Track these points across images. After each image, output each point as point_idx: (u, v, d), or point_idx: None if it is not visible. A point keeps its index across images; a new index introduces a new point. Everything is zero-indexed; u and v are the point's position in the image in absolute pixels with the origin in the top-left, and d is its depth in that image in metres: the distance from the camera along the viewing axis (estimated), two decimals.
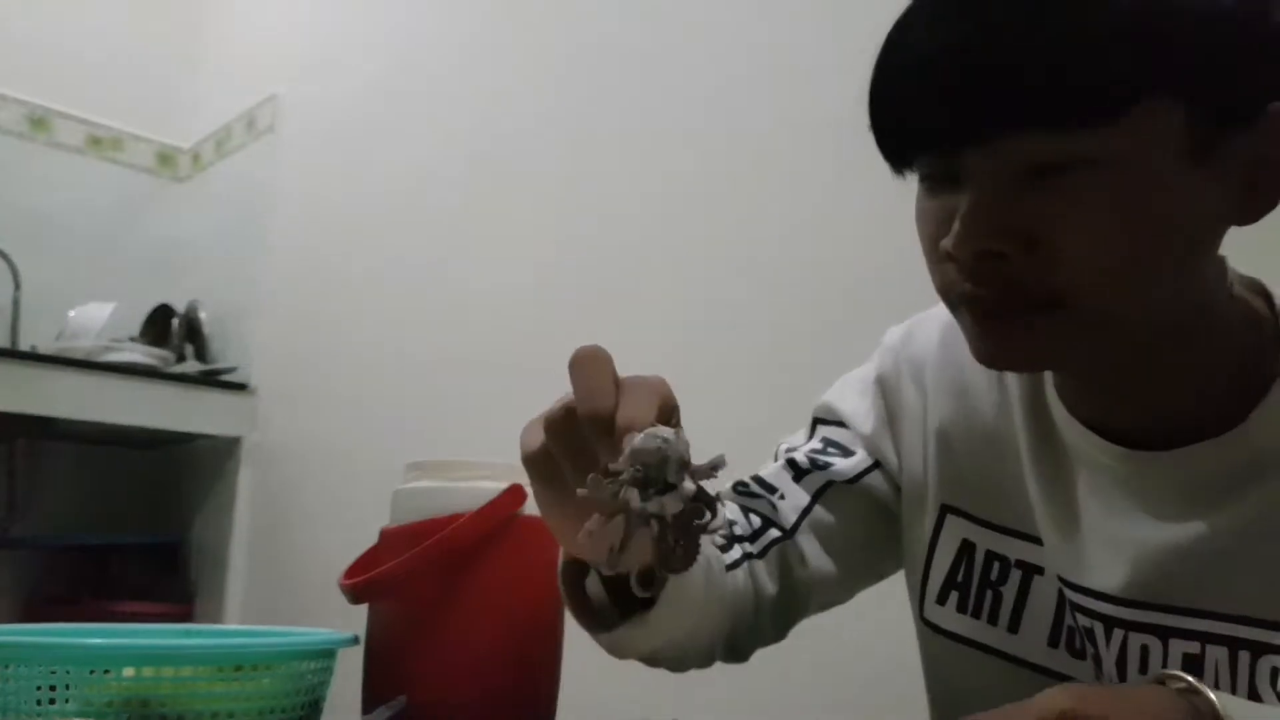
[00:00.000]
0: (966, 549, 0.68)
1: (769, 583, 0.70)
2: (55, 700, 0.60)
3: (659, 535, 0.41)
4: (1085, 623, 0.61)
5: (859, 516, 0.73)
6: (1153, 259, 0.50)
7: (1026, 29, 0.47)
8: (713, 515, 0.43)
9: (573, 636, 0.78)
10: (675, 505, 0.41)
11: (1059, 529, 0.62)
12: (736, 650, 0.73)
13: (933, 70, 0.50)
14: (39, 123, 2.80)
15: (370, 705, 0.72)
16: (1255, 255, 0.59)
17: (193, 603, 2.59)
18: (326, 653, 0.69)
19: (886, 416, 0.73)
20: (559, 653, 0.77)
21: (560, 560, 0.61)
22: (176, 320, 2.72)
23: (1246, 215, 0.52)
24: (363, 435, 2.18)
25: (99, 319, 2.56)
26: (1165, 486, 0.57)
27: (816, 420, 0.77)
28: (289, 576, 2.35)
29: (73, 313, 2.59)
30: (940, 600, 0.70)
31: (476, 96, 2.06)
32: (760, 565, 0.71)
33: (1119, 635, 0.59)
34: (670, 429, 0.43)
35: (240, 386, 2.56)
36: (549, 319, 1.77)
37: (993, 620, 0.66)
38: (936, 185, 0.54)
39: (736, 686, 1.39)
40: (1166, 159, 0.49)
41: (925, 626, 0.72)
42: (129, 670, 0.61)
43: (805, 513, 0.72)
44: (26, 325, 2.65)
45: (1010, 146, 0.49)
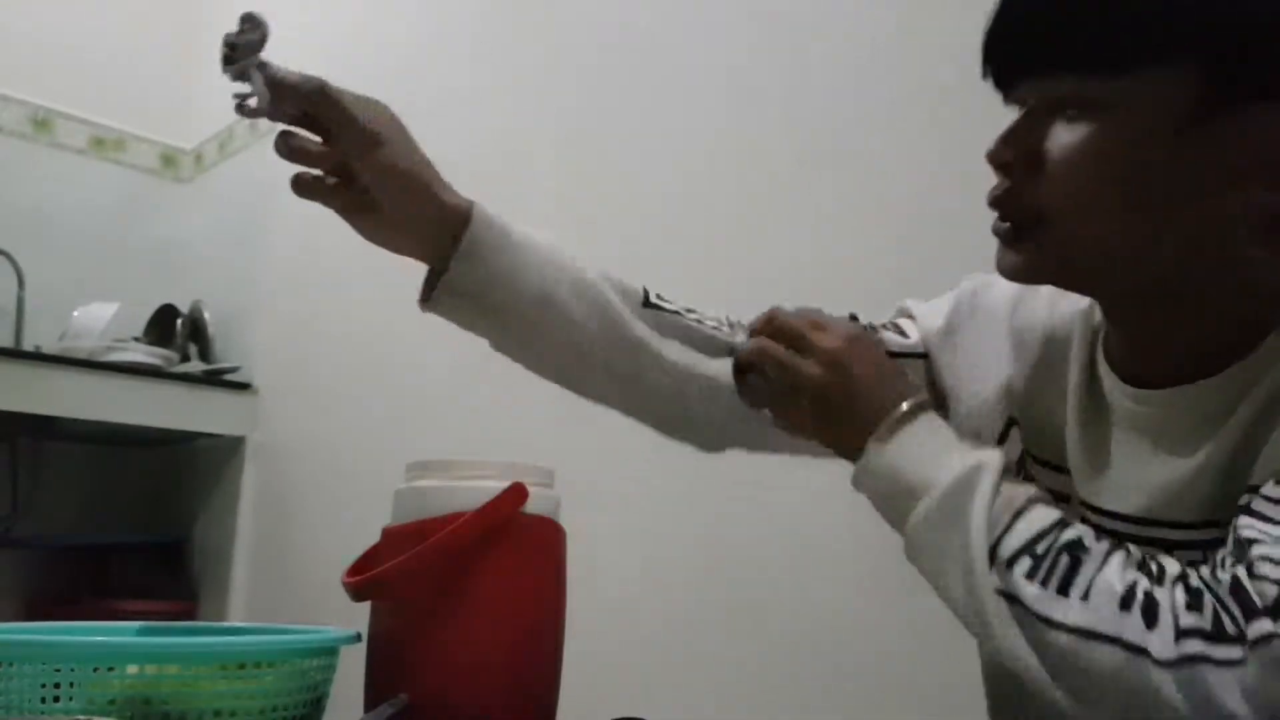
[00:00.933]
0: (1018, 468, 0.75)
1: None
2: (59, 698, 0.60)
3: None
4: None
5: None
6: (1132, 197, 0.58)
7: None
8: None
9: (573, 636, 0.78)
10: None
11: (1089, 464, 0.69)
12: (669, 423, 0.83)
13: (1002, 20, 0.62)
14: (42, 123, 2.81)
15: (372, 703, 0.72)
16: None
17: (196, 601, 2.59)
18: (329, 651, 0.70)
19: (951, 330, 0.79)
20: (559, 652, 0.77)
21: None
22: (181, 320, 2.72)
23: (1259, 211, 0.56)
24: (364, 435, 2.19)
25: (102, 319, 2.57)
26: (1175, 420, 0.63)
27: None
28: (291, 575, 2.35)
29: (76, 313, 2.59)
30: None
31: (478, 98, 2.06)
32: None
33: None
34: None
35: (243, 386, 2.56)
36: None
37: None
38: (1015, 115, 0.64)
39: (737, 686, 1.40)
40: (1168, 114, 0.56)
41: None
42: (132, 668, 0.62)
43: None
44: (30, 325, 2.65)
45: (1044, 83, 0.60)
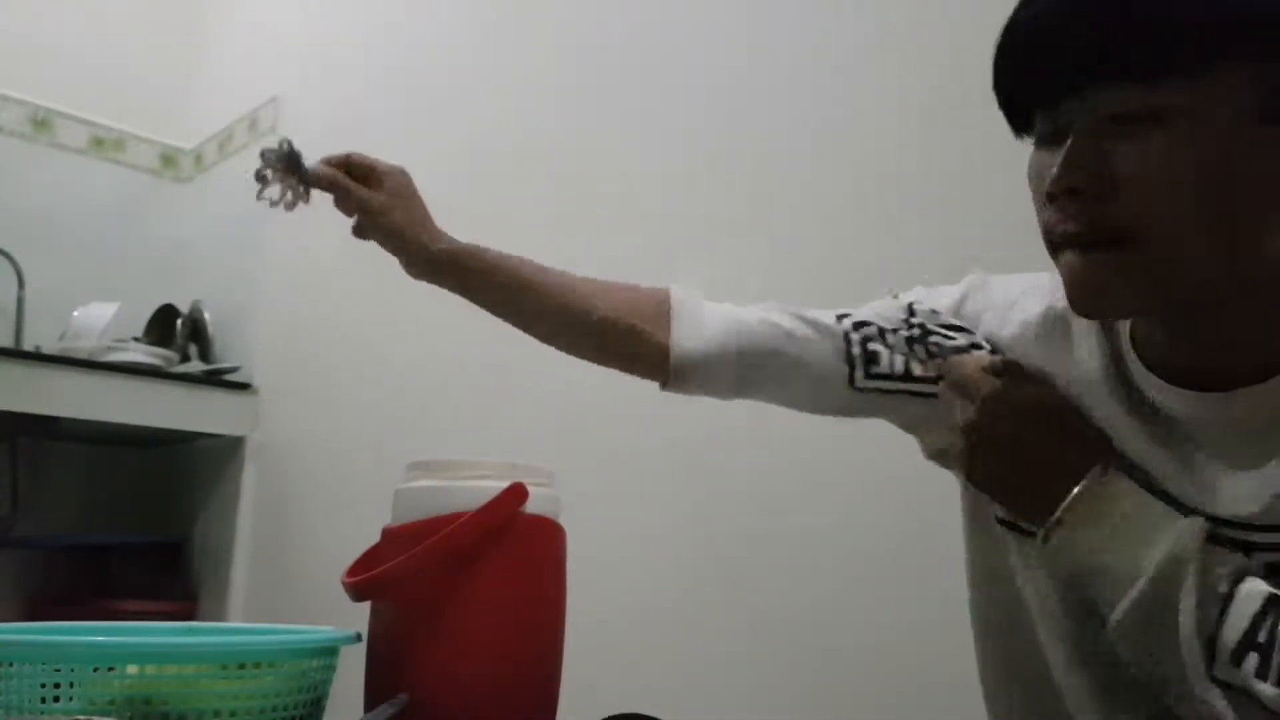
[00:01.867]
0: None
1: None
2: (59, 698, 0.60)
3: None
4: None
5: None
6: (1213, 205, 0.56)
7: None
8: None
9: (573, 636, 0.78)
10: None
11: (1166, 470, 0.65)
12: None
13: (1040, 35, 0.59)
14: (42, 124, 2.81)
15: (372, 703, 0.72)
16: None
17: (196, 601, 2.59)
18: (329, 651, 0.70)
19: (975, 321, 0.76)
20: (559, 651, 0.77)
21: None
22: (181, 320, 2.72)
23: None
24: (364, 435, 2.19)
25: (102, 319, 2.57)
26: (1261, 418, 0.60)
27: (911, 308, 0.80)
28: (292, 575, 2.35)
29: (76, 313, 2.59)
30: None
31: (477, 97, 2.06)
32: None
33: None
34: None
35: (243, 386, 2.56)
36: None
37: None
38: (1043, 143, 0.62)
39: (737, 685, 1.40)
40: (1236, 116, 0.55)
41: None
42: (132, 668, 0.61)
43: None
44: (30, 325, 2.65)
45: (1101, 97, 0.57)
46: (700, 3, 1.65)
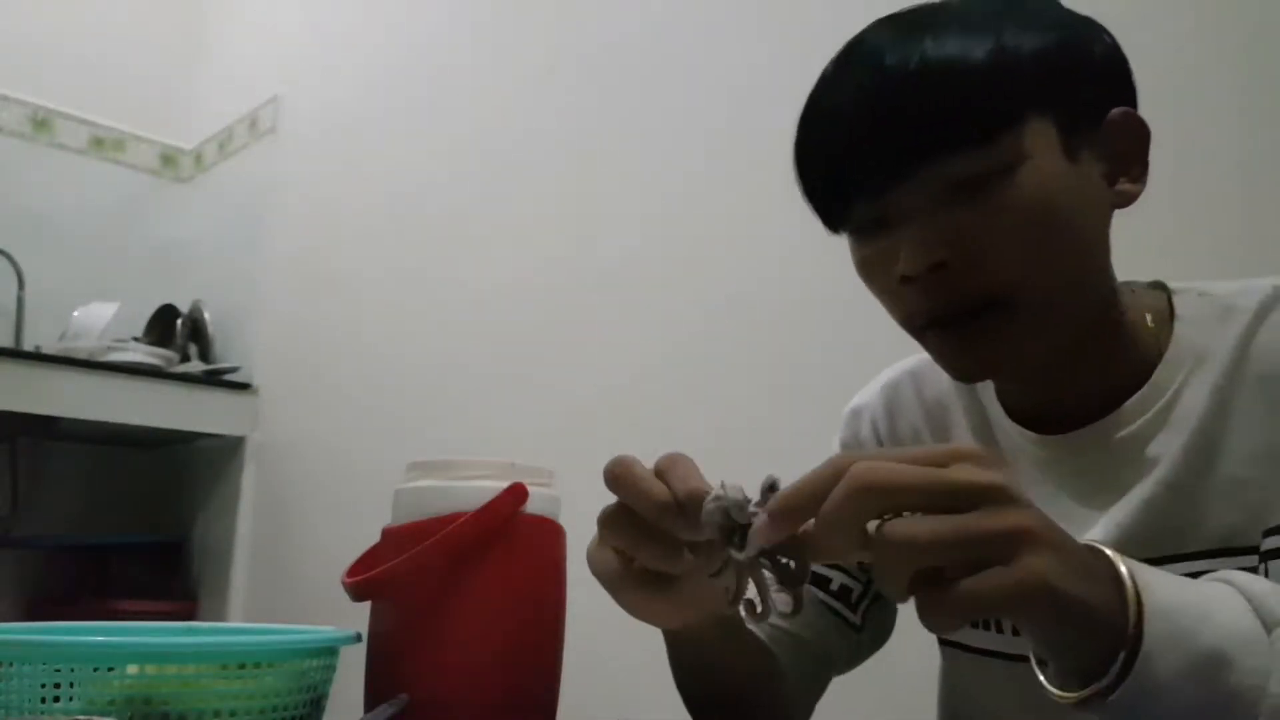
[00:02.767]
0: None
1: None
2: (59, 699, 0.60)
3: (772, 568, 0.45)
4: None
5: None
6: (1064, 244, 0.58)
7: (919, 76, 0.56)
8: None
9: (573, 636, 0.78)
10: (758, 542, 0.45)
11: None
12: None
13: (852, 124, 0.58)
14: (42, 124, 2.81)
15: (372, 703, 0.72)
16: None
17: (196, 601, 2.59)
18: (329, 651, 0.69)
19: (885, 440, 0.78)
20: (559, 652, 0.77)
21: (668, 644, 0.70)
22: (181, 320, 2.73)
23: (1120, 199, 0.61)
24: (364, 435, 2.19)
25: (102, 319, 2.57)
26: (1107, 453, 0.62)
27: None
28: (291, 575, 2.35)
29: (76, 313, 2.60)
30: None
31: (477, 98, 2.06)
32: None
33: None
34: (708, 483, 0.48)
35: (243, 386, 2.56)
36: (550, 319, 1.78)
37: (986, 625, 0.69)
38: (868, 234, 0.61)
39: None
40: (1054, 160, 0.57)
41: (943, 645, 0.76)
42: (132, 668, 0.61)
43: None
44: (30, 325, 2.66)
45: (932, 173, 0.57)
46: (700, 3, 1.65)
